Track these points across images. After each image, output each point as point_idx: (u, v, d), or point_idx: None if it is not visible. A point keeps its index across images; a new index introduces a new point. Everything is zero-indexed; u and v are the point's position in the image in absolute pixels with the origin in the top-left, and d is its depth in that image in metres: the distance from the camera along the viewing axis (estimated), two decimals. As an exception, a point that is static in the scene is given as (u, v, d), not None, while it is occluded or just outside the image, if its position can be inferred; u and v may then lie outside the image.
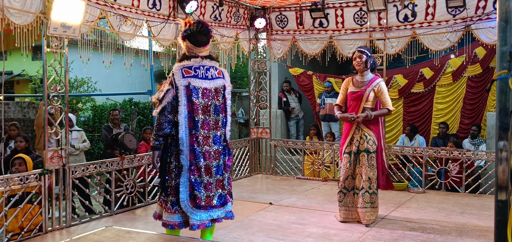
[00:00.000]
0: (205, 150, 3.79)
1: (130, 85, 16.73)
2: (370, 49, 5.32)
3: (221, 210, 3.90)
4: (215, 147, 3.86)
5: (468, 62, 8.49)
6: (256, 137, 8.27)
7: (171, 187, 3.80)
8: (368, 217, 4.97)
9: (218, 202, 3.87)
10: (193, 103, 3.74)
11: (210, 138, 3.82)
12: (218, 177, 3.88)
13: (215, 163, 3.86)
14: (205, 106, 3.80)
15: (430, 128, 9.01)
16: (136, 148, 6.75)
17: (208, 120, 3.82)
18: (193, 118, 3.75)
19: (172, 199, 3.80)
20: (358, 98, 5.07)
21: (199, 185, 3.77)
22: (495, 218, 1.96)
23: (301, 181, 7.57)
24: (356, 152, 5.06)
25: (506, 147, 1.91)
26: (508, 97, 1.91)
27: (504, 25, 1.92)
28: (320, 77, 10.12)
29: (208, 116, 3.82)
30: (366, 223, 4.96)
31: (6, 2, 4.34)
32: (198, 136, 3.76)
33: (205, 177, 3.79)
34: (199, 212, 3.76)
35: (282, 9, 7.81)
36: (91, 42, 5.54)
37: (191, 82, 3.75)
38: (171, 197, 3.80)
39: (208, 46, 3.98)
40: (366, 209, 4.98)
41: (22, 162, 5.05)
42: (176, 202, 3.78)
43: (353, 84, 5.16)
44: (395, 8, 6.95)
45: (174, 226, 3.80)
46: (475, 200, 6.26)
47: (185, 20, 3.98)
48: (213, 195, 3.84)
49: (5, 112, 10.96)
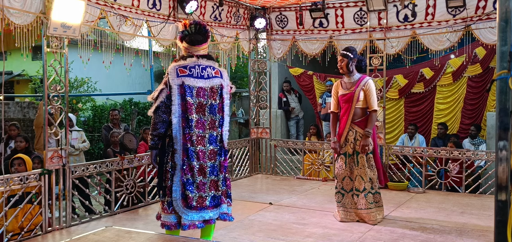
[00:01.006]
0: (199, 150, 3.76)
1: (130, 85, 16.74)
2: (355, 49, 5.27)
3: (214, 211, 3.86)
4: (211, 147, 3.83)
5: (468, 62, 8.49)
6: (256, 137, 8.27)
7: (167, 187, 3.80)
8: (374, 217, 5.00)
9: (210, 203, 3.83)
10: (187, 102, 3.72)
11: (205, 137, 3.80)
12: (213, 178, 3.85)
13: (210, 163, 3.82)
14: (199, 105, 3.78)
15: (431, 128, 9.01)
16: (136, 148, 6.75)
17: (203, 119, 3.79)
18: (186, 117, 3.73)
19: (168, 200, 3.80)
20: (348, 99, 5.08)
21: (191, 185, 3.74)
22: (495, 218, 1.96)
23: (301, 181, 7.57)
24: (352, 153, 5.08)
25: (506, 147, 1.91)
26: (508, 97, 1.91)
27: (504, 25, 1.92)
28: (321, 77, 10.12)
29: (202, 115, 3.79)
30: (373, 223, 4.97)
31: (6, 2, 4.33)
32: (192, 135, 3.73)
33: (198, 177, 3.76)
34: (190, 213, 3.74)
35: (282, 9, 7.81)
36: (91, 42, 5.54)
37: (185, 81, 3.74)
38: (167, 197, 3.81)
39: (205, 45, 3.95)
40: (371, 209, 5.01)
41: (22, 162, 5.04)
42: (171, 202, 3.78)
43: (342, 87, 5.19)
44: (395, 8, 6.95)
45: (171, 227, 3.80)
46: (475, 200, 6.26)
47: (182, 22, 3.99)
48: (206, 196, 3.81)
49: (5, 112, 10.96)
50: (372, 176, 5.01)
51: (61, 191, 5.03)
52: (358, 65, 5.20)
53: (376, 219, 5.00)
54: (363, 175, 5.00)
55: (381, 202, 5.11)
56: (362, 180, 5.01)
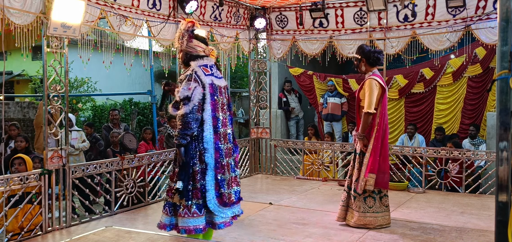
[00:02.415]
0: (225, 148, 3.85)
1: (130, 85, 16.72)
2: (363, 47, 4.99)
3: (238, 206, 3.99)
4: (229, 145, 3.94)
5: (468, 62, 8.48)
6: (256, 137, 8.27)
7: (195, 190, 3.71)
8: (349, 218, 4.95)
9: (235, 198, 3.94)
10: (215, 101, 3.78)
11: (227, 135, 3.89)
12: (233, 174, 3.96)
13: (231, 160, 3.94)
14: (222, 104, 3.88)
15: (431, 128, 9.01)
16: (136, 148, 6.74)
17: (224, 117, 3.89)
18: (216, 116, 3.78)
19: (197, 202, 3.70)
20: (357, 100, 5.05)
21: (223, 183, 3.80)
22: (495, 218, 1.96)
23: (301, 181, 7.57)
24: (354, 152, 5.04)
25: (507, 147, 1.91)
26: (509, 97, 1.91)
27: (504, 25, 1.92)
28: (321, 77, 10.11)
29: (224, 113, 3.89)
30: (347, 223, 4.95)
31: (6, 2, 4.33)
32: (220, 134, 3.81)
33: (227, 174, 3.85)
34: (224, 210, 3.80)
35: (282, 9, 7.81)
36: (91, 42, 5.54)
37: (212, 80, 3.81)
38: (195, 200, 3.70)
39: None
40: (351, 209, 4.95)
41: (22, 162, 5.04)
42: (202, 204, 3.72)
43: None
44: (395, 8, 6.95)
45: (202, 230, 3.71)
46: (475, 200, 6.26)
47: (187, 20, 3.98)
48: (232, 192, 3.90)
49: (5, 112, 10.97)
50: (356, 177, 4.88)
51: (61, 191, 5.02)
52: (368, 60, 4.90)
53: (349, 220, 4.93)
54: (354, 175, 4.94)
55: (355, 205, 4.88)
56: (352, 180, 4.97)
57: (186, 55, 3.90)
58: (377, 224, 4.83)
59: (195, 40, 3.88)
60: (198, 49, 3.89)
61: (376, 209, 4.84)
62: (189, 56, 3.89)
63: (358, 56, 4.97)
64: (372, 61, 4.89)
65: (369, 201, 4.84)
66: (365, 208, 4.83)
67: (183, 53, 3.93)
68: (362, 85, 4.96)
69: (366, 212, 4.83)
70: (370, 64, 4.91)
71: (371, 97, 4.74)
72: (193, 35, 3.89)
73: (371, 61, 4.90)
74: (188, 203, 3.69)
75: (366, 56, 4.91)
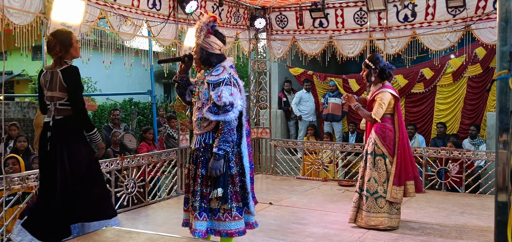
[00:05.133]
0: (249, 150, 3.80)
1: (130, 85, 16.74)
2: (379, 58, 4.88)
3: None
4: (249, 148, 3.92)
5: (468, 62, 8.49)
6: (256, 137, 8.27)
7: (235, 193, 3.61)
8: (359, 219, 4.92)
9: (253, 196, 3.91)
10: (243, 105, 3.66)
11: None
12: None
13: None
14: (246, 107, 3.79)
15: (431, 128, 9.02)
16: (136, 148, 6.75)
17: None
18: (247, 119, 3.75)
19: (237, 205, 3.60)
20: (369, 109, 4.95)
21: (253, 184, 3.77)
22: (495, 218, 1.96)
23: (301, 181, 7.57)
24: (365, 153, 4.99)
25: (507, 147, 1.91)
26: (508, 97, 1.91)
27: (504, 25, 1.93)
28: (321, 77, 10.12)
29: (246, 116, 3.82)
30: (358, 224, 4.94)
31: (6, 2, 4.33)
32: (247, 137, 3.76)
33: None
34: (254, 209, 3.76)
35: (282, 9, 7.81)
36: (91, 42, 5.54)
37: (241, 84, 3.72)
38: (235, 203, 3.59)
39: None
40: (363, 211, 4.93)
41: (16, 162, 5.04)
42: (242, 207, 3.67)
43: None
44: (395, 8, 6.95)
45: (244, 233, 3.66)
46: (475, 200, 6.26)
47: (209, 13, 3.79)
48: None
49: (5, 112, 10.97)
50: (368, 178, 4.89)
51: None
52: (381, 74, 4.84)
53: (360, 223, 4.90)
54: (365, 176, 4.92)
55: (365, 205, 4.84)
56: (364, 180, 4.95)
57: (202, 51, 3.65)
58: (387, 225, 4.78)
59: (213, 37, 3.67)
60: (214, 46, 3.68)
61: (386, 210, 4.80)
62: (206, 53, 3.65)
63: (371, 65, 4.84)
64: (385, 76, 4.86)
65: (380, 202, 4.80)
66: (376, 209, 4.80)
67: (199, 48, 3.67)
68: (374, 97, 4.86)
69: (377, 213, 4.80)
70: (381, 78, 4.87)
71: (381, 108, 4.74)
72: (212, 31, 3.70)
73: (384, 76, 4.86)
74: (229, 206, 3.58)
75: (381, 69, 4.84)
